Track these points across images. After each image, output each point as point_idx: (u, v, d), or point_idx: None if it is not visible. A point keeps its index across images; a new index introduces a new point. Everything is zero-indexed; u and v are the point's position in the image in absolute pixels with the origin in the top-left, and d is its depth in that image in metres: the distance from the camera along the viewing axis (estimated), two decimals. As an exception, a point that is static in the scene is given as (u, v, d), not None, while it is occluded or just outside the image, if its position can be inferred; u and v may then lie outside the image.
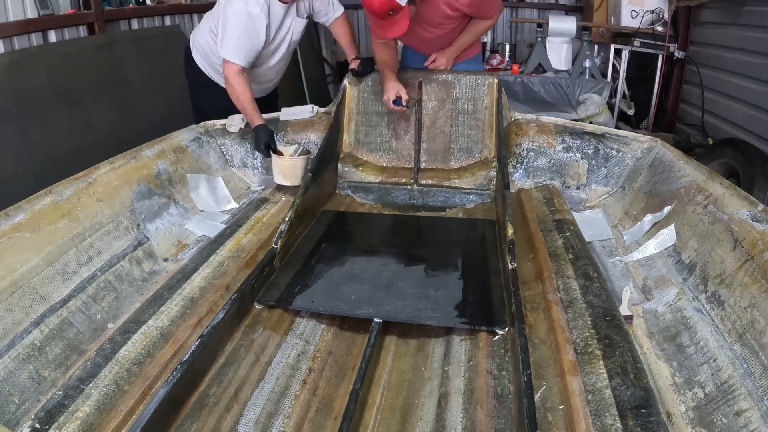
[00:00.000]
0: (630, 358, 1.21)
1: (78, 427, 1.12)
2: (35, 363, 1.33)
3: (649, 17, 4.11)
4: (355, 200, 2.47)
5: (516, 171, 2.50)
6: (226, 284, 1.65)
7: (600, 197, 2.38)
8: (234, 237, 1.94)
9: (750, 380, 1.20)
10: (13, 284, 1.42)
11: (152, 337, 1.40)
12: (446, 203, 2.41)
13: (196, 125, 2.56)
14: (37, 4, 2.88)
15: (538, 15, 5.35)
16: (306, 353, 1.47)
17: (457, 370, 1.37)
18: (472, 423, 1.20)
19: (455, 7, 2.27)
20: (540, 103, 4.05)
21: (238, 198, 2.44)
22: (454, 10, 2.28)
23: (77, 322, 1.50)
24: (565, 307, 1.43)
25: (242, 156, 2.63)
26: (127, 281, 1.73)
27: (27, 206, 1.59)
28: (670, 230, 1.81)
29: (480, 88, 2.54)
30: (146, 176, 2.06)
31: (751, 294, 1.35)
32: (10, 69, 2.62)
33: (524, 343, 1.29)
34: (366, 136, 2.61)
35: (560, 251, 1.72)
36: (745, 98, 3.38)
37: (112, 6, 3.42)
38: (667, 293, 1.62)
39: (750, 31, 3.32)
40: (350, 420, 1.15)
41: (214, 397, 1.27)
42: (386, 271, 1.79)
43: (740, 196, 1.65)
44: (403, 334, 1.55)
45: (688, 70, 4.19)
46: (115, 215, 1.84)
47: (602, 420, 1.06)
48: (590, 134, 2.44)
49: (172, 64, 3.38)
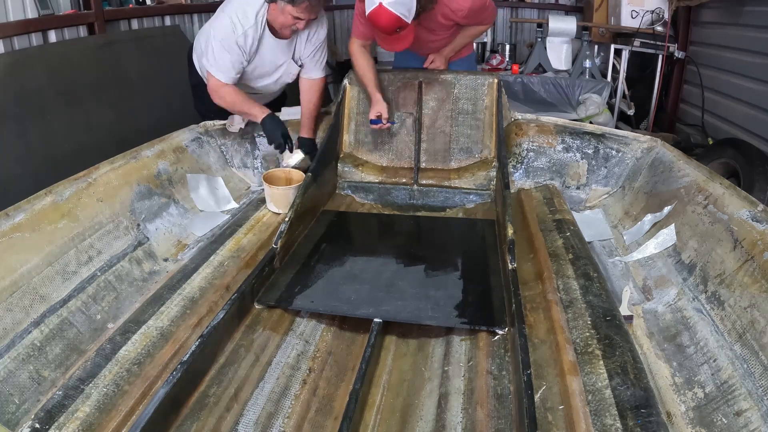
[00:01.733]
0: (630, 358, 1.21)
1: (78, 427, 1.12)
2: (35, 363, 1.33)
3: (649, 17, 4.11)
4: (355, 200, 2.47)
5: (516, 171, 2.50)
6: (226, 284, 1.65)
7: (600, 197, 2.38)
8: (234, 237, 1.94)
9: (750, 380, 1.20)
10: (13, 284, 1.42)
11: (152, 337, 1.40)
12: (446, 203, 2.41)
13: (196, 125, 2.56)
14: (37, 4, 2.88)
15: (538, 15, 5.35)
16: (306, 353, 1.47)
17: (457, 370, 1.37)
18: (472, 423, 1.20)
19: (451, 18, 2.31)
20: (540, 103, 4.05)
21: (238, 198, 2.44)
22: (449, 20, 2.32)
23: (77, 322, 1.50)
24: (565, 307, 1.43)
25: (242, 156, 2.63)
26: (127, 281, 1.73)
27: (27, 206, 1.59)
28: (670, 230, 1.81)
29: (480, 88, 2.54)
30: (146, 176, 2.06)
31: (751, 294, 1.35)
32: (10, 69, 2.62)
33: (524, 343, 1.29)
34: (366, 136, 2.61)
35: (560, 251, 1.72)
36: (745, 98, 3.38)
37: (112, 6, 3.41)
38: (667, 293, 1.62)
39: (750, 31, 3.32)
40: (350, 420, 1.15)
41: (214, 397, 1.27)
42: (386, 271, 1.79)
43: (740, 196, 1.65)
44: (403, 334, 1.55)
45: (688, 70, 4.19)
46: (115, 215, 1.84)
47: (602, 420, 1.06)
48: (590, 134, 2.44)
49: (172, 64, 3.38)
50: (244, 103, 2.30)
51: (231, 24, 2.13)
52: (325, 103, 2.79)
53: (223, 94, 2.27)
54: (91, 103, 3.00)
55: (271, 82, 2.46)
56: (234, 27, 2.13)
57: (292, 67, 2.42)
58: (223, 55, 2.17)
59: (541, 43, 4.33)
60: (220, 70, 2.21)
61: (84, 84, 2.98)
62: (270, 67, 2.37)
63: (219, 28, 2.16)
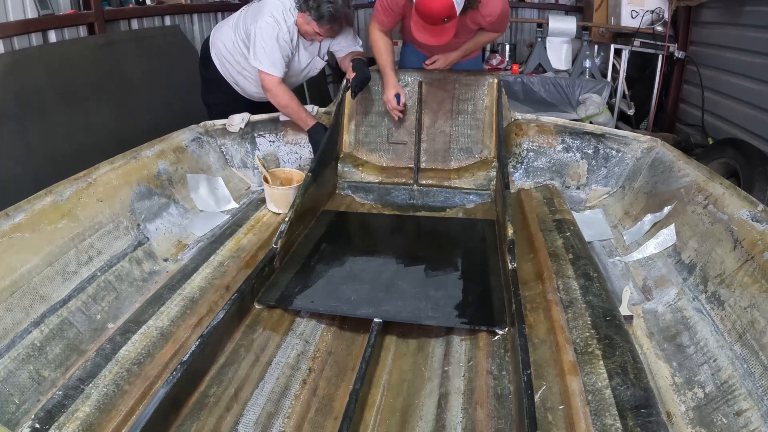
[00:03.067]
0: (630, 358, 1.21)
1: (78, 427, 1.12)
2: (35, 363, 1.33)
3: (649, 17, 4.11)
4: (355, 200, 2.47)
5: (516, 171, 2.50)
6: (226, 284, 1.65)
7: (600, 197, 2.38)
8: (234, 237, 1.94)
9: (750, 380, 1.20)
10: (13, 284, 1.42)
11: (152, 337, 1.40)
12: (446, 203, 2.41)
13: (196, 125, 2.56)
14: (37, 4, 2.88)
15: (538, 15, 5.35)
16: (306, 353, 1.47)
17: (457, 370, 1.37)
18: (472, 423, 1.20)
19: (478, 23, 2.30)
20: (540, 103, 4.05)
21: (238, 198, 2.44)
22: (476, 24, 2.31)
23: (77, 322, 1.50)
24: (565, 307, 1.43)
25: (242, 156, 2.63)
26: (127, 281, 1.73)
27: (27, 206, 1.59)
28: (670, 230, 1.81)
29: (480, 88, 2.54)
30: (146, 176, 2.06)
31: (751, 294, 1.35)
32: (10, 69, 2.62)
33: (524, 343, 1.29)
34: (366, 136, 2.61)
35: (560, 251, 1.72)
36: (745, 98, 3.38)
37: (112, 6, 3.41)
38: (667, 293, 1.62)
39: (750, 31, 3.32)
40: (350, 420, 1.15)
41: (214, 397, 1.27)
42: (386, 271, 1.79)
43: (740, 196, 1.65)
44: (403, 334, 1.55)
45: (688, 70, 4.19)
46: (115, 215, 1.84)
47: (602, 420, 1.06)
48: (590, 134, 2.44)
49: (172, 64, 3.38)
50: (297, 106, 2.42)
51: (275, 22, 2.27)
52: (325, 103, 2.79)
53: (278, 92, 2.38)
54: (91, 103, 3.00)
55: (300, 77, 2.60)
56: (279, 25, 2.27)
57: (317, 62, 2.57)
58: (274, 51, 2.30)
59: (541, 43, 4.33)
60: (274, 66, 2.32)
61: (84, 84, 2.98)
62: (302, 63, 2.52)
63: (265, 28, 2.27)
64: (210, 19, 4.25)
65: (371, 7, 5.66)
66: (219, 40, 2.55)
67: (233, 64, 2.53)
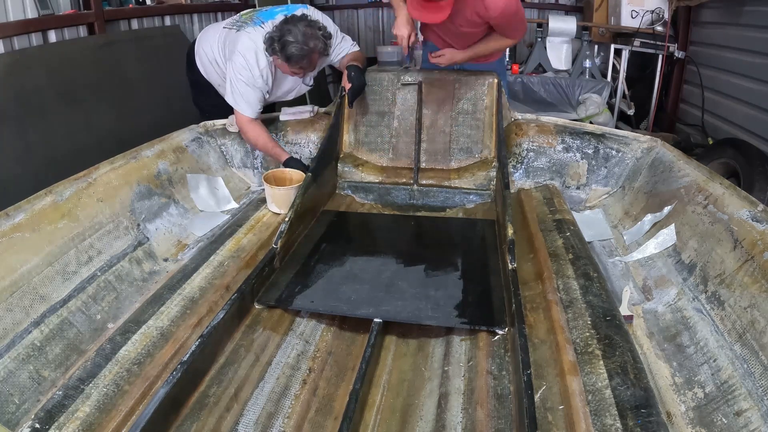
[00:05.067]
0: (630, 358, 1.21)
1: (78, 427, 1.12)
2: (35, 363, 1.33)
3: (649, 17, 4.11)
4: (355, 200, 2.47)
5: (516, 171, 2.50)
6: (226, 284, 1.65)
7: (600, 197, 2.38)
8: (234, 237, 1.94)
9: (750, 380, 1.20)
10: (13, 284, 1.42)
11: (152, 337, 1.40)
12: (446, 203, 2.41)
13: (196, 125, 2.56)
14: (37, 4, 2.88)
15: (538, 15, 5.35)
16: (306, 353, 1.47)
17: (457, 370, 1.37)
18: (472, 423, 1.20)
19: (482, 16, 2.24)
20: (540, 103, 4.05)
21: (238, 198, 2.44)
22: (481, 18, 2.26)
23: (77, 322, 1.50)
24: (565, 307, 1.43)
25: (242, 156, 2.63)
26: (127, 281, 1.73)
27: (27, 206, 1.59)
28: (670, 230, 1.81)
29: (480, 88, 2.54)
30: (146, 176, 2.06)
31: (751, 294, 1.35)
32: (10, 69, 2.62)
33: (524, 343, 1.29)
34: (366, 136, 2.61)
35: (560, 251, 1.72)
36: (745, 98, 3.38)
37: (112, 6, 3.41)
38: (667, 293, 1.62)
39: (750, 31, 3.32)
40: (350, 420, 1.15)
41: (214, 397, 1.27)
42: (386, 271, 1.79)
43: (740, 196, 1.65)
44: (403, 334, 1.55)
45: (688, 70, 4.19)
46: (115, 215, 1.84)
47: (602, 420, 1.06)
48: (590, 134, 2.44)
49: (172, 64, 3.38)
50: (267, 142, 2.40)
51: (248, 66, 2.26)
52: (325, 103, 2.79)
53: (248, 130, 2.38)
54: (91, 103, 3.00)
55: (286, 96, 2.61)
56: (251, 70, 2.26)
57: (302, 87, 2.59)
58: (248, 93, 2.31)
59: (541, 43, 4.33)
60: (249, 106, 2.34)
61: (84, 84, 2.98)
62: (284, 91, 2.54)
63: (239, 70, 2.27)
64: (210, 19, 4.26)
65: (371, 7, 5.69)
66: (204, 49, 2.51)
67: (219, 74, 2.50)
